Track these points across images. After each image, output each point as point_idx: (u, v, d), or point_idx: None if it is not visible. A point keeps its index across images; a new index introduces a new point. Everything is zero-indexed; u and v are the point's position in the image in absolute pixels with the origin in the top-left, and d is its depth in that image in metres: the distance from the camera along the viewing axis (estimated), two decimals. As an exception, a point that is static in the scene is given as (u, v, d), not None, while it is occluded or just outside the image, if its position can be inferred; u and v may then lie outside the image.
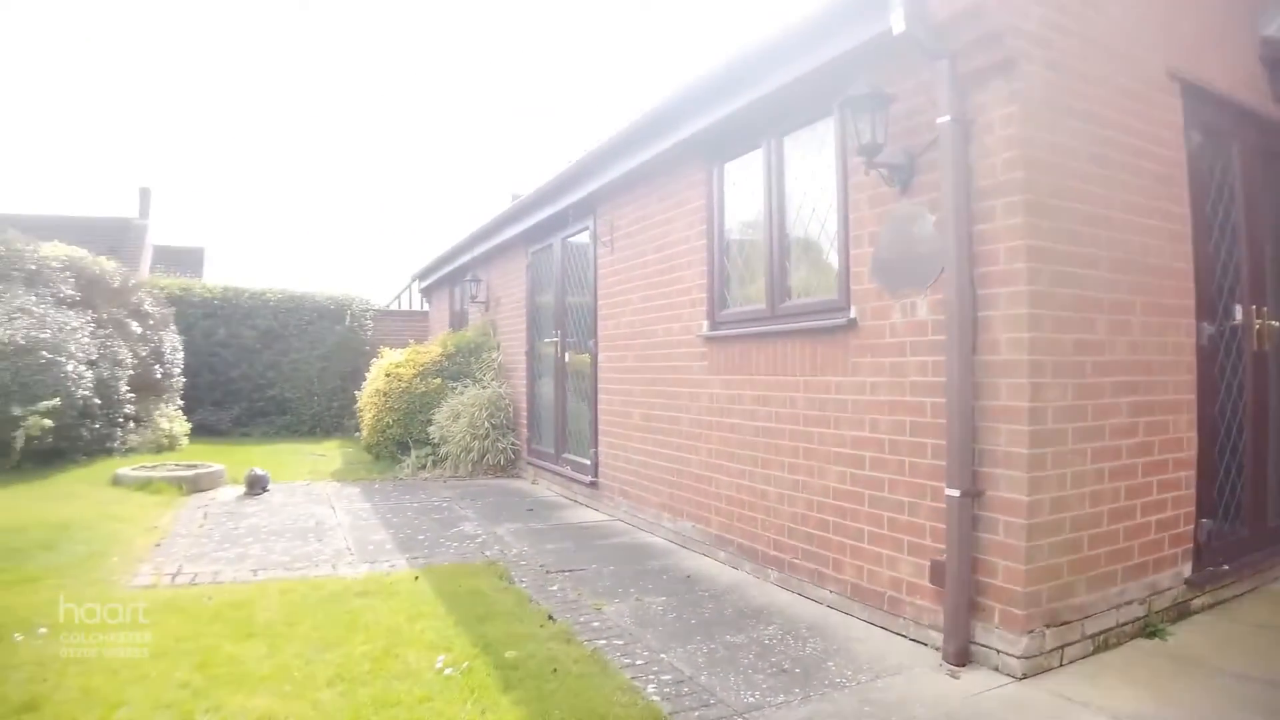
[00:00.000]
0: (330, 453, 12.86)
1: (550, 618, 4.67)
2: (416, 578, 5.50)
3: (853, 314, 4.77)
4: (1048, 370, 3.82)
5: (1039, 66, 3.88)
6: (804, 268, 5.56)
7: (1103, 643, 4.01)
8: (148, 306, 12.33)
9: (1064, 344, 3.90)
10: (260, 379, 15.98)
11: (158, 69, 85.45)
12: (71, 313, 10.52)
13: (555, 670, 3.85)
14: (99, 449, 10.48)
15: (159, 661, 3.90)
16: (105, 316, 11.19)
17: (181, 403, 13.39)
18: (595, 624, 4.60)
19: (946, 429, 4.01)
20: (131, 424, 11.30)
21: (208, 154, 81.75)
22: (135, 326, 11.68)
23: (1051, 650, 3.81)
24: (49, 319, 9.90)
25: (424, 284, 17.29)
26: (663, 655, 4.11)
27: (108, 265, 11.90)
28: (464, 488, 9.60)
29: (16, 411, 9.04)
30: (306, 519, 7.65)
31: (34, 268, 10.58)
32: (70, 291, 10.85)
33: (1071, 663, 3.87)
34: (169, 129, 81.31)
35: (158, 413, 12.06)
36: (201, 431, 14.29)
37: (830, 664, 4.00)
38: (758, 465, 5.67)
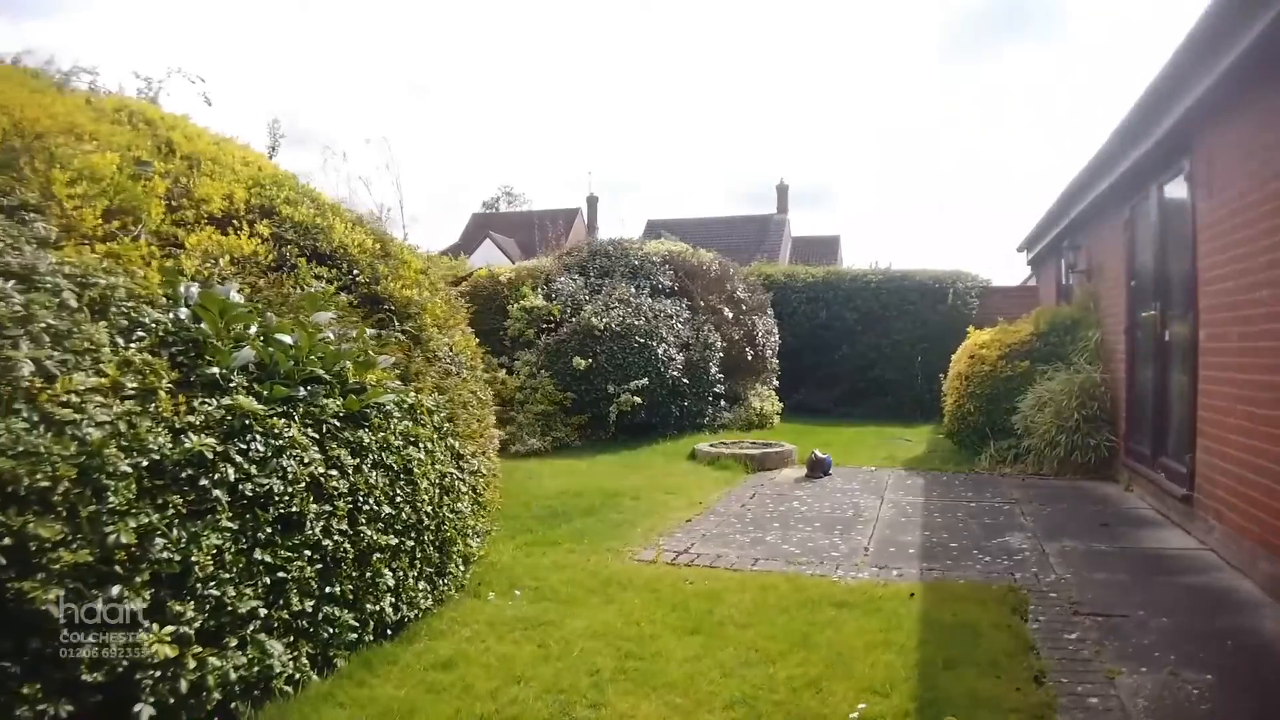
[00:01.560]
0: (918, 438, 12.35)
1: (1038, 679, 3.61)
2: (912, 594, 4.80)
3: None
4: None
5: None
6: None
7: None
8: (740, 293, 13.23)
9: None
10: (861, 360, 16.09)
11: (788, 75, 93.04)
12: (668, 301, 11.80)
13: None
14: (689, 425, 11.63)
15: (587, 642, 4.05)
16: (701, 304, 12.31)
17: (777, 383, 14.16)
18: (1092, 700, 3.41)
19: None
20: (723, 402, 12.28)
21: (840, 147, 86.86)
22: (728, 312, 12.65)
23: None
24: (644, 307, 11.23)
25: (1030, 255, 15.63)
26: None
27: (705, 256, 13.10)
28: (1039, 489, 8.30)
29: (610, 389, 10.45)
30: (846, 509, 7.34)
31: (637, 263, 12.16)
32: (667, 282, 12.20)
33: None
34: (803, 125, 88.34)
35: (751, 392, 12.91)
36: (802, 411, 14.96)
37: None
38: None
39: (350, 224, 5.40)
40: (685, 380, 11.45)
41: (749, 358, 12.96)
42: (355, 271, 5.03)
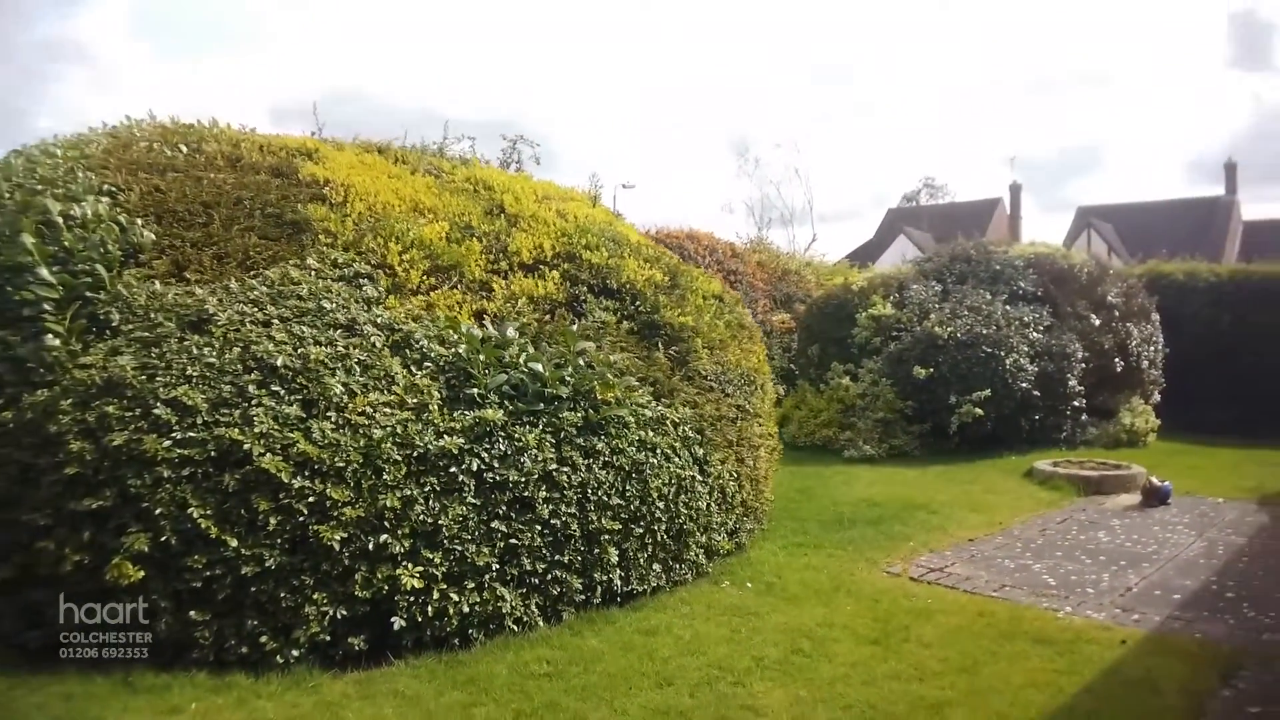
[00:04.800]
0: (1320, 469, 10.49)
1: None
2: (1124, 641, 4.67)
3: None
4: None
5: None
6: None
7: None
8: (1113, 298, 12.21)
9: None
10: (1274, 373, 13.71)
11: None
12: (1027, 308, 11.37)
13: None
14: (1041, 439, 11.10)
15: (774, 633, 4.66)
16: (1067, 310, 11.66)
17: (1159, 397, 12.77)
18: None
19: None
20: (1084, 416, 11.51)
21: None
22: (1095, 319, 11.77)
23: None
24: (996, 315, 10.98)
25: None
26: None
27: (1076, 258, 12.32)
28: None
29: (952, 400, 10.44)
30: (1149, 544, 6.85)
31: (998, 268, 11.81)
32: (1029, 287, 11.71)
33: None
34: None
35: (1124, 407, 11.90)
36: (1197, 429, 13.14)
37: None
38: None
39: (644, 261, 6.49)
40: (1036, 392, 10.99)
41: (1119, 369, 11.93)
42: (638, 303, 6.10)
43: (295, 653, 3.70)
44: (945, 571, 6.03)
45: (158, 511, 3.47)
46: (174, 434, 3.57)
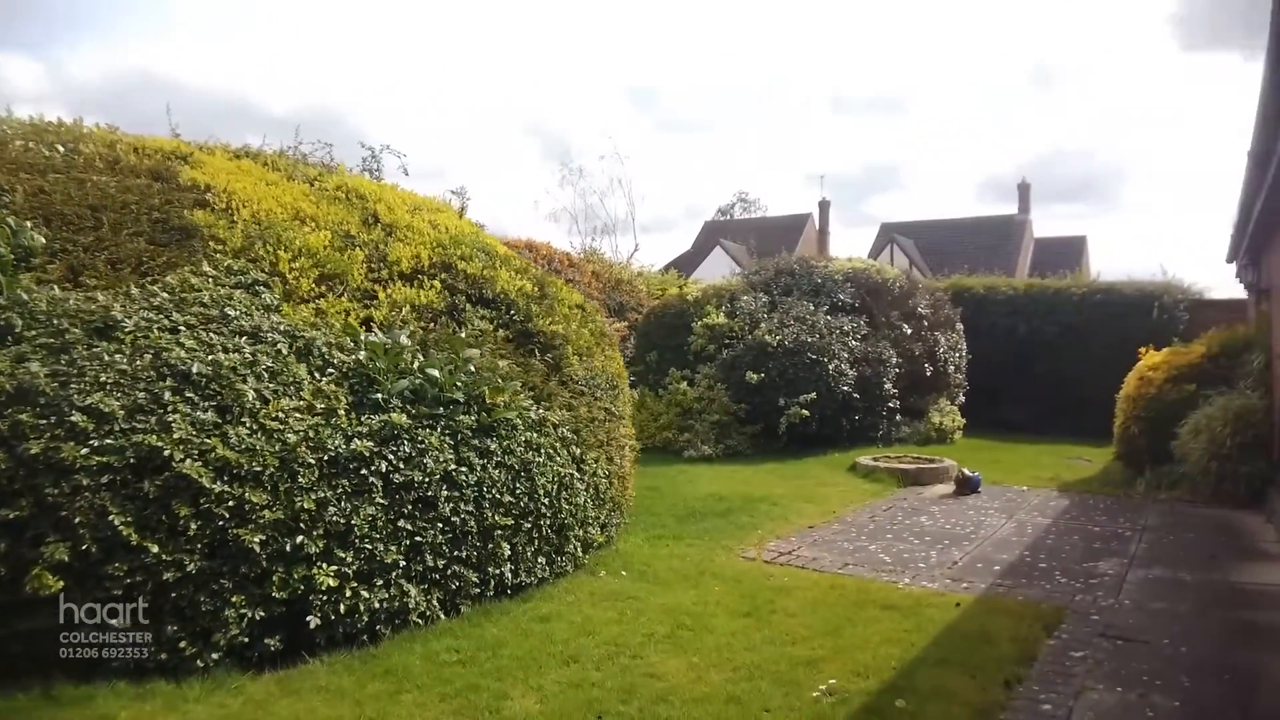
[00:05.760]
0: (1097, 460, 12.15)
1: (1010, 684, 4.19)
2: (958, 604, 5.42)
3: None
4: None
5: None
6: None
7: None
8: (922, 309, 13.58)
9: None
10: (1061, 376, 15.59)
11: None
12: (846, 318, 12.48)
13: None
14: (861, 438, 12.26)
15: (657, 614, 5.10)
16: (881, 320, 12.87)
17: (962, 399, 14.32)
18: (1045, 708, 3.91)
19: None
20: (899, 417, 12.76)
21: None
22: (907, 328, 13.07)
23: None
24: (819, 324, 12.00)
25: (1235, 266, 14.63)
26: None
27: (889, 273, 13.62)
28: (1179, 516, 8.27)
29: (781, 402, 11.35)
30: (967, 526, 7.83)
31: (819, 281, 12.91)
32: (848, 299, 12.86)
33: None
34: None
35: (932, 408, 13.25)
36: (998, 427, 14.87)
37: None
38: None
39: (515, 272, 6.79)
40: (856, 395, 12.07)
41: (928, 373, 13.30)
42: (513, 312, 6.39)
43: (215, 656, 3.75)
44: (794, 554, 6.67)
45: (77, 520, 3.44)
46: (92, 441, 3.53)
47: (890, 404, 12.71)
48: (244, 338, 4.22)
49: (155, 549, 3.54)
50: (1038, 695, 4.08)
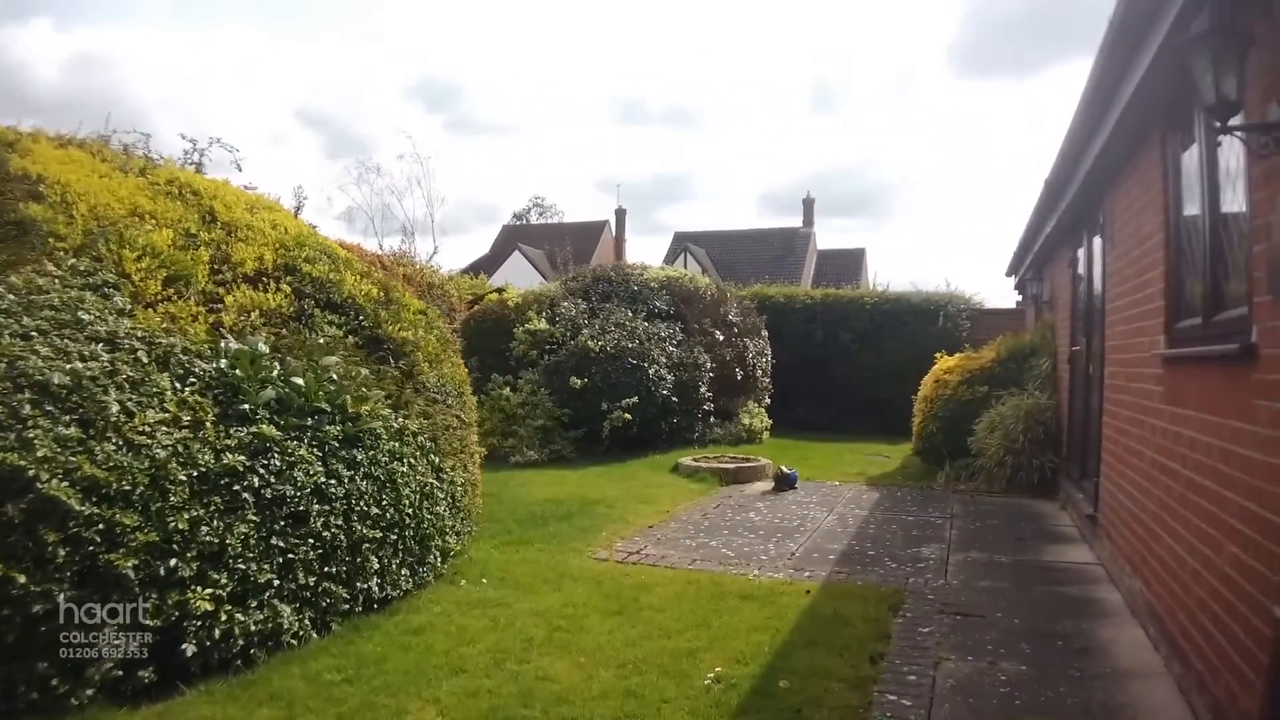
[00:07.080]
0: (896, 455, 13.28)
1: (874, 659, 4.60)
2: (808, 591, 5.81)
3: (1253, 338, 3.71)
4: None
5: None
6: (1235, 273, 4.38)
7: None
8: (733, 316, 14.29)
9: None
10: (856, 379, 16.94)
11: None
12: (663, 325, 12.92)
13: (800, 713, 3.92)
14: (679, 440, 12.74)
15: (529, 618, 5.13)
16: (695, 327, 13.40)
17: (769, 401, 15.18)
18: (911, 678, 4.33)
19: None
20: (713, 419, 13.35)
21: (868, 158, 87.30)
22: (720, 335, 13.72)
23: None
24: (639, 331, 12.36)
25: (1016, 279, 16.52)
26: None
27: (701, 282, 14.22)
28: (981, 505, 9.26)
29: (604, 407, 11.60)
30: (794, 519, 8.35)
31: (636, 289, 13.30)
32: (664, 306, 13.32)
33: None
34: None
35: (742, 410, 13.96)
36: (799, 427, 15.90)
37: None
38: (1177, 522, 4.65)
39: (359, 275, 6.56)
40: (675, 399, 12.51)
41: (739, 377, 14.00)
42: (361, 317, 6.17)
43: (89, 692, 3.40)
44: (642, 553, 6.87)
45: (-71, 551, 3.04)
46: (-58, 462, 3.13)
47: (705, 407, 13.27)
48: (100, 344, 3.84)
49: (23, 579, 3.17)
50: (901, 668, 4.49)
